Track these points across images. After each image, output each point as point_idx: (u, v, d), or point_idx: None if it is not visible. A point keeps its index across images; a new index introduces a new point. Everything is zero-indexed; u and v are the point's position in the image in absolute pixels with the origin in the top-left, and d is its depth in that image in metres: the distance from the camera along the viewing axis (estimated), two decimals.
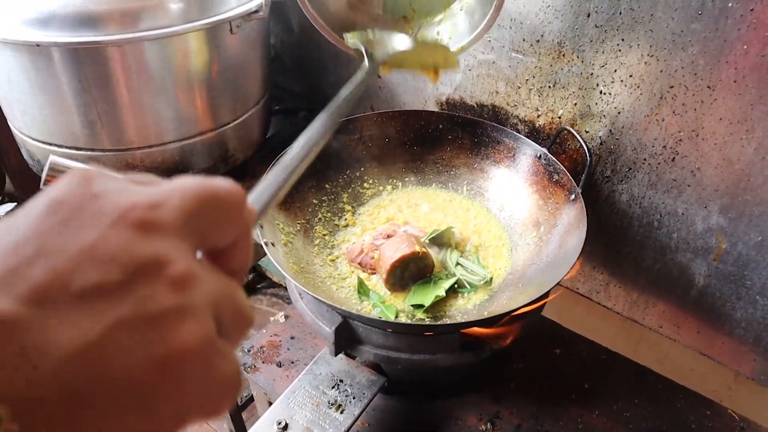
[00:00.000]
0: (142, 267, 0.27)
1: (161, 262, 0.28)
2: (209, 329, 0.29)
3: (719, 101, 0.88)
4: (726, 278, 1.03)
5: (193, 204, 0.31)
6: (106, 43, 1.03)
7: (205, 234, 0.32)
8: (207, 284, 0.30)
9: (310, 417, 0.90)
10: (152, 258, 0.28)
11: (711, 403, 1.07)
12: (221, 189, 0.33)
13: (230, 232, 0.34)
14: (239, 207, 0.34)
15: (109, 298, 0.26)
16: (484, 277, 1.00)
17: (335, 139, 1.16)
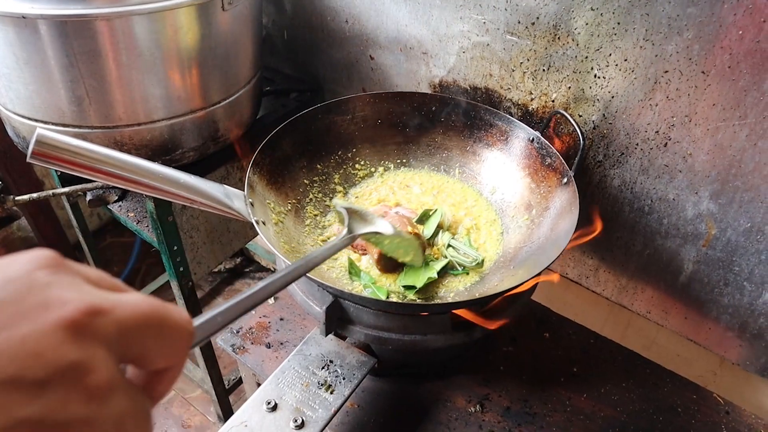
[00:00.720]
0: (64, 370, 0.27)
1: (83, 369, 0.28)
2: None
3: (713, 87, 0.88)
4: (715, 264, 1.04)
5: (136, 322, 0.31)
6: (95, 17, 1.00)
7: (138, 353, 0.32)
8: (120, 402, 0.30)
9: (299, 397, 0.90)
10: (75, 363, 0.28)
11: (697, 387, 1.09)
12: (171, 319, 0.34)
13: (164, 360, 0.34)
14: (183, 340, 0.35)
15: (21, 395, 0.26)
16: (475, 258, 1.00)
17: (328, 119, 1.15)
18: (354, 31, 1.36)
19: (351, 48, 1.40)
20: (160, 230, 1.29)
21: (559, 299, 1.34)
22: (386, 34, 1.30)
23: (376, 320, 0.89)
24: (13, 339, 0.26)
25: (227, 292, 2.54)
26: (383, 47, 1.32)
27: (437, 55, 1.23)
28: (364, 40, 1.35)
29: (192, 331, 0.36)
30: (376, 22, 1.30)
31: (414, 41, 1.25)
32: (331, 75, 1.51)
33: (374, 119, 1.19)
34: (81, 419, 0.28)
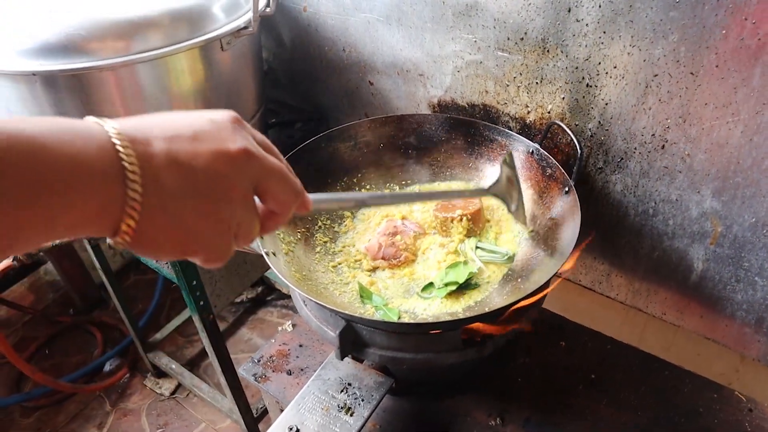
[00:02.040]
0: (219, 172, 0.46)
1: (229, 180, 0.47)
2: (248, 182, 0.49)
3: (703, 86, 0.89)
4: (724, 261, 1.04)
5: (271, 169, 0.50)
6: (101, 68, 1.05)
7: (264, 188, 0.50)
8: (243, 205, 0.49)
9: (320, 421, 0.92)
10: (224, 174, 0.46)
11: (718, 387, 1.08)
12: (291, 178, 0.53)
13: (277, 202, 0.52)
14: (294, 193, 0.53)
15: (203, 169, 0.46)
16: (505, 254, 1.03)
17: (332, 146, 1.18)
18: (352, 59, 1.39)
19: (350, 75, 1.43)
20: (178, 267, 1.33)
21: (574, 307, 1.35)
22: (383, 60, 1.33)
23: (389, 341, 0.90)
24: (209, 146, 0.46)
25: (251, 321, 2.57)
26: (381, 72, 1.36)
27: (433, 76, 1.26)
28: (362, 67, 1.39)
29: (301, 190, 0.55)
30: (372, 48, 1.33)
31: (410, 64, 1.28)
32: (333, 103, 1.54)
33: (377, 143, 1.22)
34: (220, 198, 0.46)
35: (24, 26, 1.06)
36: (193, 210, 0.45)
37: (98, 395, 2.31)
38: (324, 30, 1.40)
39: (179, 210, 0.44)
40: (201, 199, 0.45)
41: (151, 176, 0.42)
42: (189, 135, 0.46)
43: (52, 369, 2.40)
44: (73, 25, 1.04)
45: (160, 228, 0.44)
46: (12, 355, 1.85)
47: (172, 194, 0.44)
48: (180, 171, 0.44)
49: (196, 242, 0.47)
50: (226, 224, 0.48)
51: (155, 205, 0.43)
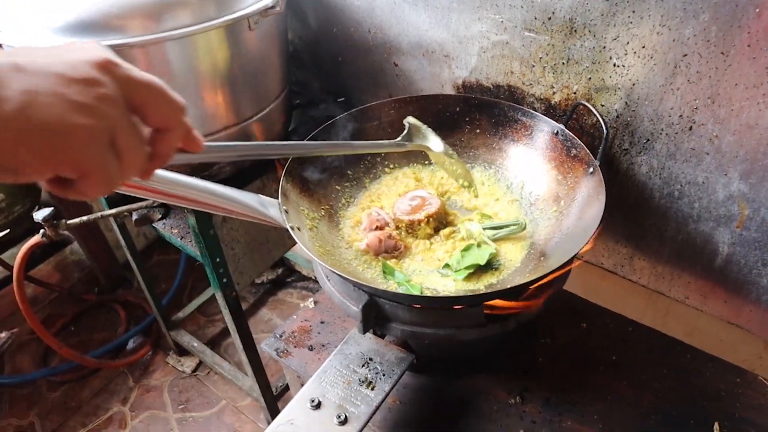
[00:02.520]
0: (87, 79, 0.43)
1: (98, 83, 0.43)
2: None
3: (734, 66, 0.89)
4: (750, 245, 1.03)
5: (142, 81, 0.47)
6: (132, 45, 1.07)
7: (140, 103, 0.47)
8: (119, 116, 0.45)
9: (341, 394, 0.93)
10: (94, 79, 0.43)
11: (741, 371, 1.08)
12: (169, 92, 0.49)
13: (160, 118, 0.48)
14: (177, 108, 0.49)
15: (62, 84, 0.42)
16: (516, 223, 1.05)
17: (356, 126, 1.19)
18: (377, 40, 1.40)
19: (375, 56, 1.44)
20: (203, 243, 1.35)
21: (596, 290, 1.34)
22: (408, 41, 1.33)
23: (411, 316, 0.91)
24: (64, 59, 0.43)
25: (271, 302, 2.60)
26: (406, 53, 1.36)
27: (459, 57, 1.26)
28: (387, 48, 1.39)
29: (183, 105, 0.50)
30: (397, 29, 1.33)
31: (435, 45, 1.28)
32: (357, 84, 1.55)
33: (400, 123, 1.22)
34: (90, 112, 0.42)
35: (58, 4, 1.07)
36: (49, 110, 0.40)
37: (122, 371, 2.36)
38: (350, 11, 1.40)
39: (33, 97, 0.40)
40: (58, 99, 0.41)
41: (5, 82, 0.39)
42: (44, 50, 0.43)
43: (78, 345, 2.46)
44: (107, 3, 1.05)
45: (12, 123, 0.39)
46: (41, 330, 1.89)
47: (25, 81, 0.40)
48: (33, 69, 0.41)
49: (63, 143, 0.41)
50: (97, 127, 0.42)
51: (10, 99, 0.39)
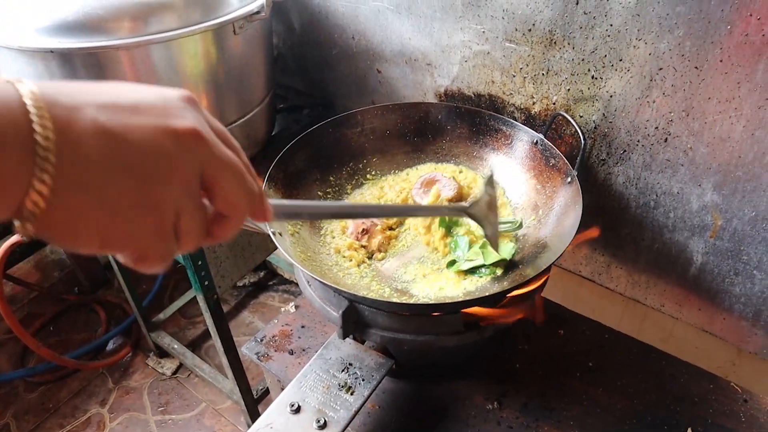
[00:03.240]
0: (161, 152, 0.39)
1: (172, 159, 0.39)
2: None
3: (707, 81, 0.91)
4: (723, 254, 1.06)
5: (223, 162, 0.43)
6: (116, 47, 1.07)
7: (212, 183, 0.42)
8: (188, 196, 0.41)
9: (321, 399, 0.94)
10: (168, 153, 0.39)
11: (714, 377, 1.10)
12: (248, 177, 0.45)
13: (227, 204, 0.44)
14: (248, 196, 0.45)
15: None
16: (513, 221, 1.07)
17: (339, 132, 1.20)
18: (361, 47, 1.41)
19: (359, 63, 1.45)
20: None
21: (574, 297, 1.36)
22: (391, 48, 1.34)
23: (390, 322, 0.92)
24: (151, 120, 0.39)
25: (252, 305, 2.59)
26: (389, 61, 1.37)
27: (441, 66, 1.27)
28: (370, 55, 1.40)
29: (259, 192, 0.46)
30: (381, 37, 1.34)
31: (418, 53, 1.30)
32: (341, 90, 1.56)
33: (383, 130, 1.23)
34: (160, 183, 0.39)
35: (43, 4, 1.07)
36: (120, 188, 0.37)
37: (101, 372, 2.34)
38: (334, 17, 1.41)
39: (103, 187, 0.36)
40: (132, 176, 0.37)
41: (69, 144, 0.35)
42: (129, 105, 0.38)
43: (57, 346, 2.43)
44: (92, 5, 1.05)
45: (78, 209, 0.36)
46: (18, 330, 1.87)
47: (96, 167, 0.36)
48: (109, 142, 0.36)
49: (124, 231, 0.38)
50: (162, 213, 0.39)
51: (73, 180, 0.35)
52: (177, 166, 0.39)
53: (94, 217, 0.37)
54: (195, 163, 0.41)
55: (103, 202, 0.36)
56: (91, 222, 0.37)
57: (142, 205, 0.38)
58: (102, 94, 0.38)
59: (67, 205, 0.35)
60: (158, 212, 0.39)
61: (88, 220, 0.37)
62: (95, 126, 0.36)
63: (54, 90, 0.36)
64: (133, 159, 0.37)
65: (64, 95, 0.36)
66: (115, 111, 0.37)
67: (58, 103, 0.35)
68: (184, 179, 0.40)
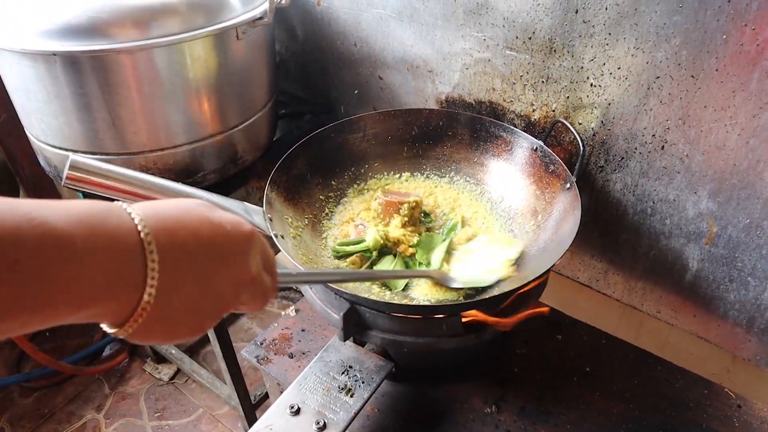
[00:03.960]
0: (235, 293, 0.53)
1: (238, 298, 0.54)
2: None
3: (703, 89, 0.93)
4: (718, 261, 1.07)
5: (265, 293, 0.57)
6: (119, 51, 1.08)
7: (248, 300, 0.56)
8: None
9: (321, 401, 0.95)
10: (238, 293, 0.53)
11: (708, 383, 1.11)
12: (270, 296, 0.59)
13: (250, 309, 0.58)
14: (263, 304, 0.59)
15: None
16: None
17: (341, 137, 1.21)
18: (363, 54, 1.43)
19: (360, 69, 1.46)
20: None
21: (572, 303, 1.38)
22: (393, 55, 1.36)
23: (390, 324, 0.93)
24: (228, 272, 0.51)
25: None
26: (391, 67, 1.39)
27: (442, 73, 1.29)
28: (372, 62, 1.42)
29: (269, 300, 0.59)
30: (383, 44, 1.36)
31: (420, 60, 1.31)
32: (342, 96, 1.57)
33: (384, 136, 1.25)
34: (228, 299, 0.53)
35: (47, 8, 1.09)
36: (193, 308, 0.49)
37: (97, 378, 2.34)
38: (336, 24, 1.43)
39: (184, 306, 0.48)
40: (202, 300, 0.49)
41: (167, 289, 0.45)
42: (215, 252, 0.49)
43: (53, 351, 2.42)
44: (95, 8, 1.07)
45: (162, 323, 0.47)
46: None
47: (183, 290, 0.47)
48: (195, 289, 0.48)
49: (182, 335, 0.50)
50: (205, 325, 0.52)
51: (166, 300, 0.46)
52: (230, 302, 0.53)
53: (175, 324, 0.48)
54: (242, 296, 0.54)
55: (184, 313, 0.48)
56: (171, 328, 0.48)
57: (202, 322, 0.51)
58: (194, 235, 0.48)
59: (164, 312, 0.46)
60: (208, 324, 0.52)
61: (170, 327, 0.48)
62: (187, 269, 0.47)
63: (159, 229, 0.45)
64: (208, 300, 0.50)
65: (168, 238, 0.45)
66: (204, 258, 0.48)
67: (164, 249, 0.44)
68: (232, 305, 0.54)
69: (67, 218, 0.39)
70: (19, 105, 1.25)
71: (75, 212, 0.40)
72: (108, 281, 0.41)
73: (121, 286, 0.42)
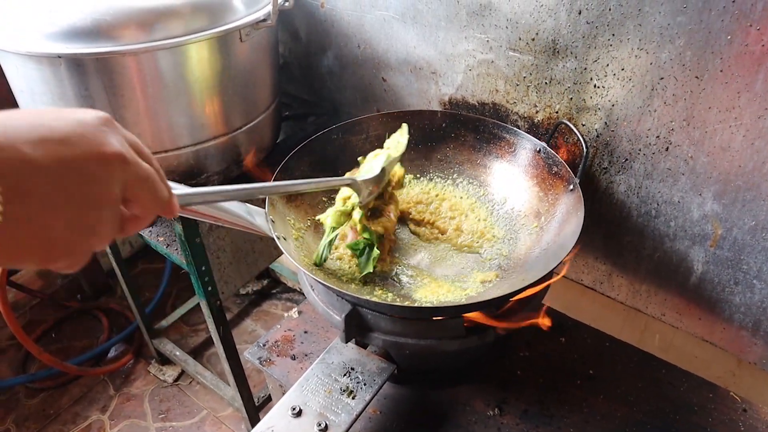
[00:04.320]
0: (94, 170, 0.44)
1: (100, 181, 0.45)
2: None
3: (707, 90, 0.92)
4: (723, 264, 1.06)
5: (143, 176, 0.49)
6: (123, 53, 1.08)
7: (132, 194, 0.48)
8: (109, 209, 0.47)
9: (323, 403, 0.94)
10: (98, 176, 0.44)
11: (713, 387, 1.10)
12: (161, 185, 0.51)
13: (142, 208, 0.51)
14: (161, 201, 0.51)
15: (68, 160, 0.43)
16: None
17: (344, 139, 1.21)
18: (366, 55, 1.43)
19: (364, 71, 1.46)
20: (189, 251, 1.35)
21: (576, 306, 1.37)
22: (396, 57, 1.36)
23: (392, 326, 0.93)
24: (81, 150, 0.43)
25: (255, 313, 2.60)
26: (394, 69, 1.39)
27: (445, 74, 1.29)
28: (375, 63, 1.42)
29: (168, 197, 0.53)
30: (386, 45, 1.36)
31: (423, 62, 1.31)
32: (346, 98, 1.58)
33: (388, 137, 1.24)
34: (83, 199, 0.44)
35: (52, 10, 1.09)
36: (61, 219, 0.42)
37: (102, 379, 2.34)
38: (340, 26, 1.43)
39: (46, 220, 0.42)
40: (71, 207, 0.43)
41: (15, 185, 0.39)
42: (58, 138, 0.42)
43: (59, 352, 2.44)
44: (99, 11, 1.07)
45: (24, 239, 0.41)
46: (21, 336, 1.88)
47: (40, 204, 0.41)
48: (48, 178, 0.41)
49: (62, 250, 0.44)
50: (92, 230, 0.45)
51: (19, 216, 0.40)
52: (106, 191, 0.45)
53: (37, 243, 0.42)
54: (120, 182, 0.46)
55: (46, 232, 0.42)
56: (33, 248, 0.42)
57: (78, 229, 0.44)
58: (32, 128, 0.41)
59: (14, 236, 0.40)
60: (89, 231, 0.45)
61: (31, 247, 0.42)
62: (34, 163, 0.40)
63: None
64: (71, 191, 0.42)
65: (1, 134, 0.39)
66: (48, 144, 0.41)
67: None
68: (111, 200, 0.46)
69: None
70: (24, 107, 1.26)
71: None
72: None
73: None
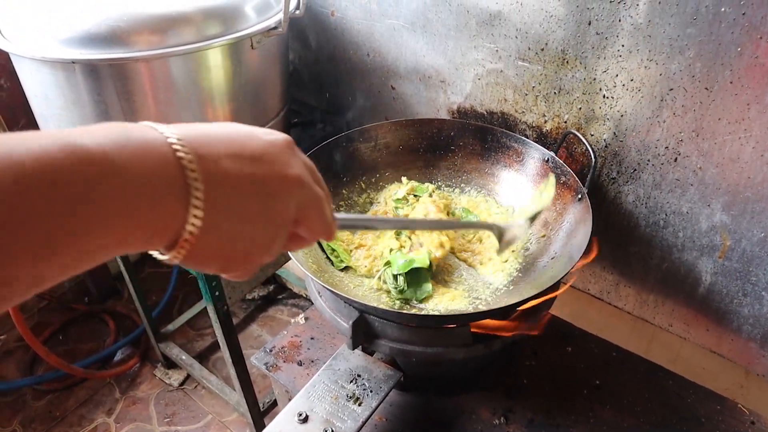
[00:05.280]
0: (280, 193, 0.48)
1: (283, 203, 0.48)
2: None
3: (717, 102, 0.92)
4: (732, 275, 1.06)
5: (316, 199, 0.51)
6: (136, 59, 1.10)
7: (303, 216, 0.51)
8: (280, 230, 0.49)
9: (329, 409, 0.95)
10: (283, 198, 0.48)
11: (721, 398, 1.09)
12: (329, 209, 0.54)
13: (310, 231, 0.53)
14: (327, 225, 0.54)
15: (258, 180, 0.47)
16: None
17: (352, 146, 1.22)
18: (375, 64, 1.43)
19: (373, 79, 1.47)
20: None
21: (583, 315, 1.37)
22: (405, 65, 1.37)
23: (400, 334, 0.93)
24: (269, 169, 0.47)
25: (261, 318, 2.60)
26: (403, 77, 1.39)
27: (454, 83, 1.29)
28: (385, 72, 1.43)
29: (332, 222, 0.55)
30: (395, 54, 1.37)
31: (432, 71, 1.32)
32: (355, 105, 1.58)
33: (396, 145, 1.25)
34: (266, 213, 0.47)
35: (66, 16, 1.11)
36: (248, 232, 0.46)
37: (108, 382, 2.35)
38: (350, 34, 1.44)
39: (233, 231, 0.45)
40: (259, 222, 0.47)
41: (215, 196, 0.43)
42: (250, 155, 0.46)
43: (65, 355, 2.45)
44: (114, 17, 1.09)
45: (214, 247, 0.45)
46: (29, 337, 1.89)
47: (235, 216, 0.45)
48: (242, 192, 0.45)
49: (241, 261, 0.48)
50: (269, 245, 0.49)
51: (214, 224, 0.43)
52: (284, 210, 0.48)
53: (224, 251, 0.46)
54: (296, 204, 0.49)
55: (232, 241, 0.45)
56: (220, 255, 0.46)
57: (256, 243, 0.47)
58: (228, 143, 0.45)
59: (207, 243, 0.44)
60: (265, 247, 0.48)
61: (218, 254, 0.46)
62: (229, 176, 0.44)
63: (191, 138, 0.42)
64: (255, 206, 0.46)
65: (201, 145, 0.43)
66: (241, 161, 0.45)
67: (199, 155, 0.42)
68: (289, 217, 0.49)
69: (94, 138, 0.37)
70: (38, 111, 1.27)
71: (102, 133, 0.38)
72: (152, 190, 0.39)
73: (166, 198, 0.40)
